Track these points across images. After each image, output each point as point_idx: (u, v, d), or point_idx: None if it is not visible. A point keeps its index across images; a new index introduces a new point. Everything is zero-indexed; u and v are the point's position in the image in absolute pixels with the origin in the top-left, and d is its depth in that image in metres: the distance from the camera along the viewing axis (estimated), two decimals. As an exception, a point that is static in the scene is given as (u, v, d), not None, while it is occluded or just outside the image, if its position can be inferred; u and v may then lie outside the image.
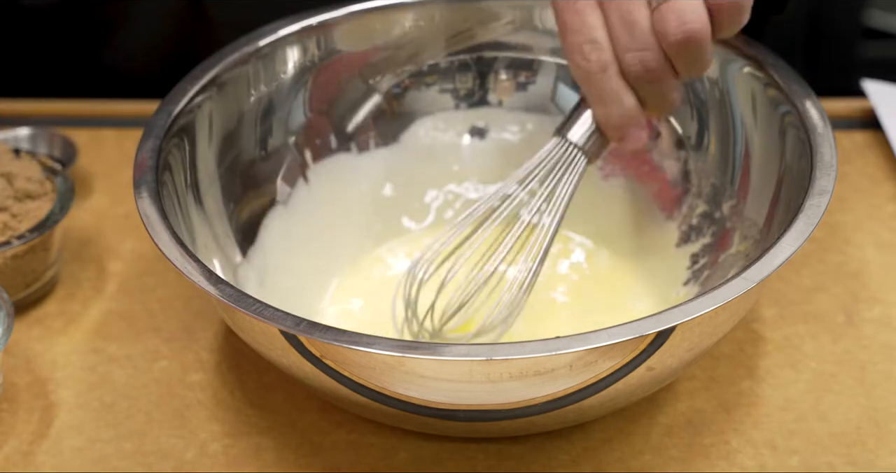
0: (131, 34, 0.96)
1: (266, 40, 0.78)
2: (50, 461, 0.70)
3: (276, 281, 0.76)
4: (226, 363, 0.75)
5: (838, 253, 0.81)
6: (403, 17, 0.81)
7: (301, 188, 0.80)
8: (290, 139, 0.80)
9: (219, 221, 0.75)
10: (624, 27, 0.66)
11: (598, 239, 0.80)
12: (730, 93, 0.77)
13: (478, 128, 0.83)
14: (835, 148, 0.69)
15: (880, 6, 1.52)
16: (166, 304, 0.79)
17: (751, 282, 0.62)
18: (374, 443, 0.70)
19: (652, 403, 0.72)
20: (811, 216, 0.65)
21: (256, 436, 0.71)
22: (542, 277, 0.77)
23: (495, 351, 0.59)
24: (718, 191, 0.77)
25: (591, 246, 0.80)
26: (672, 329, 0.61)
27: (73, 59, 0.98)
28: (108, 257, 0.83)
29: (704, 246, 0.76)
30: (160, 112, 0.73)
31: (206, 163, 0.75)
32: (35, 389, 0.74)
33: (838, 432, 0.70)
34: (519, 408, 0.64)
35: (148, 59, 0.96)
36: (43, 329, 0.78)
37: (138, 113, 0.91)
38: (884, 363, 0.74)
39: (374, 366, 0.61)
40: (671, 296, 0.75)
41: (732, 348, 0.75)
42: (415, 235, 0.81)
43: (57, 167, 0.80)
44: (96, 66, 0.98)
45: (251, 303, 0.62)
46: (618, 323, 0.60)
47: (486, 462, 0.69)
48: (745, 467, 0.69)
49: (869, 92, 0.89)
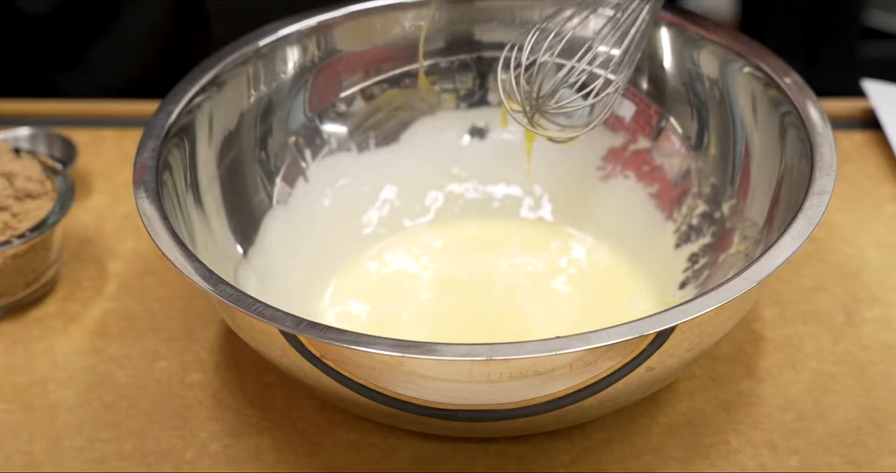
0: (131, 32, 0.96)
1: (266, 40, 0.78)
2: (50, 461, 0.70)
3: (276, 281, 0.76)
4: (226, 363, 0.75)
5: (838, 253, 0.81)
6: (403, 17, 0.81)
7: (301, 188, 0.80)
8: (290, 139, 0.80)
9: (219, 221, 0.75)
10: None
11: (599, 238, 0.80)
12: (730, 93, 0.77)
13: (478, 128, 0.83)
14: (835, 148, 0.69)
15: (880, 6, 1.52)
16: (166, 304, 0.79)
17: (751, 282, 0.62)
18: (374, 443, 0.70)
19: (652, 403, 0.72)
20: (811, 216, 0.65)
21: (256, 436, 0.71)
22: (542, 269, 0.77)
23: (495, 351, 0.59)
24: (718, 191, 0.77)
25: (591, 245, 0.80)
26: (672, 329, 0.61)
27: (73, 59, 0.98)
28: (108, 257, 0.83)
29: (704, 246, 0.76)
30: (160, 112, 0.73)
31: (206, 163, 0.75)
32: (35, 389, 0.74)
33: (838, 432, 0.70)
34: (519, 408, 0.64)
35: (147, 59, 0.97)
36: (43, 329, 0.78)
37: (138, 113, 0.91)
38: (884, 363, 0.74)
39: (374, 366, 0.61)
40: (671, 296, 0.76)
41: (732, 348, 0.75)
42: (414, 234, 0.81)
43: (57, 167, 0.80)
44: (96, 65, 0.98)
45: (251, 303, 0.62)
46: (616, 321, 0.60)
47: (486, 462, 0.69)
48: (745, 467, 0.69)
49: (869, 92, 0.89)
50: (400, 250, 0.81)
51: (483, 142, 0.83)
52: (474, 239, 0.81)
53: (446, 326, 0.75)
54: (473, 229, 0.81)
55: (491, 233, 0.81)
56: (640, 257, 0.79)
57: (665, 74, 0.80)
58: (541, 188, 0.83)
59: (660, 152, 0.80)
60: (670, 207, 0.79)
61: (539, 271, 0.78)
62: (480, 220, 0.82)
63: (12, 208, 0.77)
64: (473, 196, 0.83)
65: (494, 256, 0.79)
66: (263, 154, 0.79)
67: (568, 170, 0.82)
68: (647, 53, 0.80)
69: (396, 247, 0.81)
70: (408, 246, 0.81)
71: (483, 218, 0.82)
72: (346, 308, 0.77)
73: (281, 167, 0.80)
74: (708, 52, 0.78)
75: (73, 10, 0.94)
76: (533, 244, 0.80)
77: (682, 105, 0.79)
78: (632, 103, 0.81)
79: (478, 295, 0.77)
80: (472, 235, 0.81)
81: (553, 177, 0.82)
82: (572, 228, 0.81)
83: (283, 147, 0.80)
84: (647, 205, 0.80)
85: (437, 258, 0.80)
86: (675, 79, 0.80)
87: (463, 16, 0.82)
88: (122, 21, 0.95)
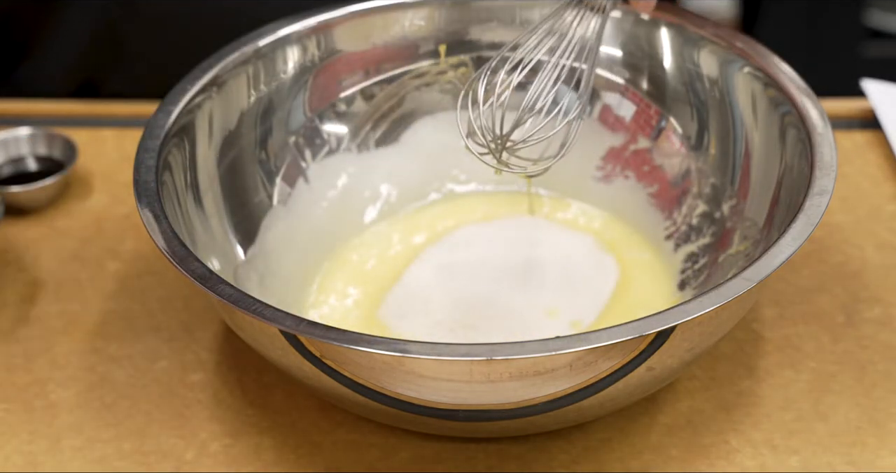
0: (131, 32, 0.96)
1: (266, 40, 0.78)
2: (50, 461, 0.70)
3: (275, 282, 0.76)
4: (226, 363, 0.75)
5: (838, 253, 0.81)
6: (403, 17, 0.81)
7: (301, 188, 0.80)
8: (290, 139, 0.80)
9: (219, 221, 0.75)
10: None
11: (598, 238, 0.80)
12: (730, 93, 0.77)
13: (478, 129, 0.83)
14: (835, 148, 0.69)
15: (880, 6, 1.53)
16: (166, 304, 0.79)
17: (751, 282, 0.62)
18: (374, 443, 0.70)
19: (652, 403, 0.72)
20: (811, 216, 0.65)
21: (256, 436, 0.71)
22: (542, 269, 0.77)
23: (495, 351, 0.59)
24: (718, 191, 0.77)
25: (591, 245, 0.80)
26: (672, 329, 0.61)
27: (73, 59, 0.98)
28: (108, 257, 0.83)
29: (704, 246, 0.76)
30: (160, 112, 0.73)
31: (206, 163, 0.75)
32: (35, 389, 0.74)
33: (838, 432, 0.70)
34: (519, 408, 0.64)
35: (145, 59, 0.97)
36: (43, 329, 0.78)
37: (138, 113, 0.91)
38: (884, 363, 0.74)
39: (373, 366, 0.61)
40: (670, 297, 0.76)
41: (732, 348, 0.75)
42: (414, 234, 0.81)
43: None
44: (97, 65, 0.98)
45: (251, 303, 0.62)
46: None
47: (486, 462, 0.69)
48: (745, 467, 0.69)
49: (869, 92, 0.89)
50: (400, 250, 0.81)
51: (483, 142, 0.83)
52: (474, 239, 0.81)
53: (446, 324, 0.75)
54: (474, 229, 0.81)
55: (491, 232, 0.81)
56: (639, 256, 0.79)
57: (665, 74, 0.80)
58: (541, 188, 0.83)
59: (660, 152, 0.80)
60: (670, 207, 0.79)
61: (539, 270, 0.78)
62: (480, 220, 0.82)
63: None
64: (473, 196, 0.83)
65: (495, 256, 0.79)
66: (263, 154, 0.79)
67: (568, 170, 0.82)
68: (647, 53, 0.80)
69: (397, 246, 0.81)
70: (408, 245, 0.81)
71: (483, 218, 0.82)
72: (347, 307, 0.77)
73: (281, 167, 0.80)
74: (708, 52, 0.78)
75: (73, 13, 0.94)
76: (533, 244, 0.80)
77: (682, 105, 0.79)
78: (632, 103, 0.81)
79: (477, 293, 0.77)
80: (473, 235, 0.81)
81: (553, 176, 0.82)
82: (572, 227, 0.81)
83: (283, 147, 0.80)
84: (647, 205, 0.80)
85: (438, 257, 0.80)
86: (675, 79, 0.80)
87: (463, 16, 0.82)
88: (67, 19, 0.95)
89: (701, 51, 0.78)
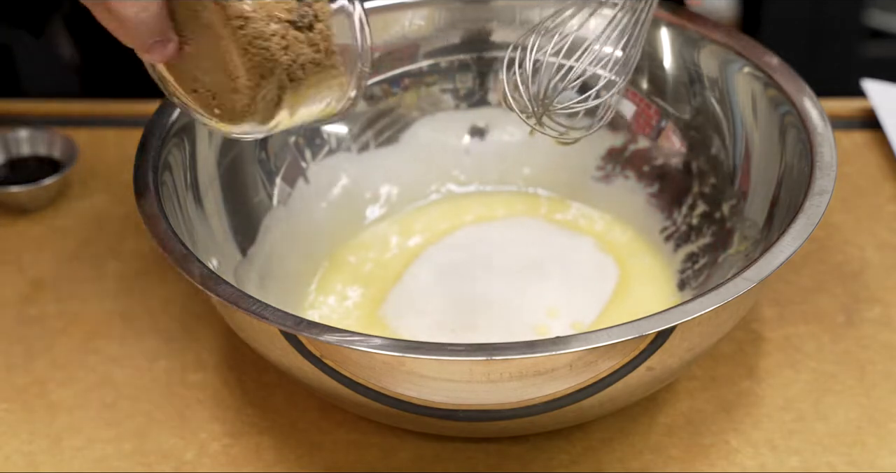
0: None
1: (266, 40, 0.78)
2: (50, 461, 0.70)
3: (276, 281, 0.76)
4: (226, 363, 0.75)
5: (838, 253, 0.81)
6: (403, 17, 0.81)
7: (301, 188, 0.80)
8: (290, 139, 0.80)
9: (219, 221, 0.75)
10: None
11: (598, 238, 0.80)
12: (730, 93, 0.77)
13: (478, 128, 0.83)
14: (835, 148, 0.69)
15: (880, 6, 1.53)
16: (166, 304, 0.79)
17: (751, 282, 0.62)
18: (374, 443, 0.70)
19: (652, 403, 0.72)
20: (811, 216, 0.65)
21: (256, 436, 0.71)
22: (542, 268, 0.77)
23: (495, 351, 0.59)
24: (718, 191, 0.77)
25: (590, 244, 0.80)
26: (672, 329, 0.61)
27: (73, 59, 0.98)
28: (108, 257, 0.83)
29: (704, 246, 0.76)
30: (160, 112, 0.73)
31: (206, 163, 0.75)
32: (35, 389, 0.74)
33: (838, 432, 0.70)
34: (519, 408, 0.64)
35: None
36: (43, 329, 0.78)
37: (138, 113, 0.91)
38: (884, 363, 0.74)
39: (374, 366, 0.61)
40: (670, 297, 0.76)
41: (732, 348, 0.75)
42: (414, 234, 0.81)
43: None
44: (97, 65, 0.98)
45: (251, 303, 0.62)
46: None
47: (486, 462, 0.69)
48: (745, 467, 0.69)
49: (869, 92, 0.89)
50: (400, 249, 0.81)
51: (483, 143, 0.83)
52: (474, 240, 0.81)
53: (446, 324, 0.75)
54: (474, 229, 0.81)
55: (491, 233, 0.81)
56: (639, 256, 0.79)
57: (665, 74, 0.80)
58: (541, 188, 0.83)
59: (660, 152, 0.80)
60: (670, 207, 0.79)
61: (539, 270, 0.78)
62: (480, 221, 0.82)
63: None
64: (473, 196, 0.83)
65: (495, 256, 0.79)
66: (263, 154, 0.79)
67: (568, 170, 0.82)
68: (647, 53, 0.80)
69: (397, 246, 0.81)
70: (408, 245, 0.81)
71: (483, 218, 0.82)
72: (347, 307, 0.77)
73: (281, 167, 0.80)
74: (708, 52, 0.78)
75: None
76: (533, 244, 0.80)
77: (682, 105, 0.79)
78: (632, 103, 0.81)
79: (477, 293, 0.77)
80: (473, 235, 0.81)
81: (553, 176, 0.83)
82: (572, 228, 0.81)
83: (283, 147, 0.80)
84: (647, 206, 0.80)
85: (438, 258, 0.80)
86: (675, 79, 0.80)
87: (463, 16, 0.82)
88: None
89: (701, 51, 0.78)
